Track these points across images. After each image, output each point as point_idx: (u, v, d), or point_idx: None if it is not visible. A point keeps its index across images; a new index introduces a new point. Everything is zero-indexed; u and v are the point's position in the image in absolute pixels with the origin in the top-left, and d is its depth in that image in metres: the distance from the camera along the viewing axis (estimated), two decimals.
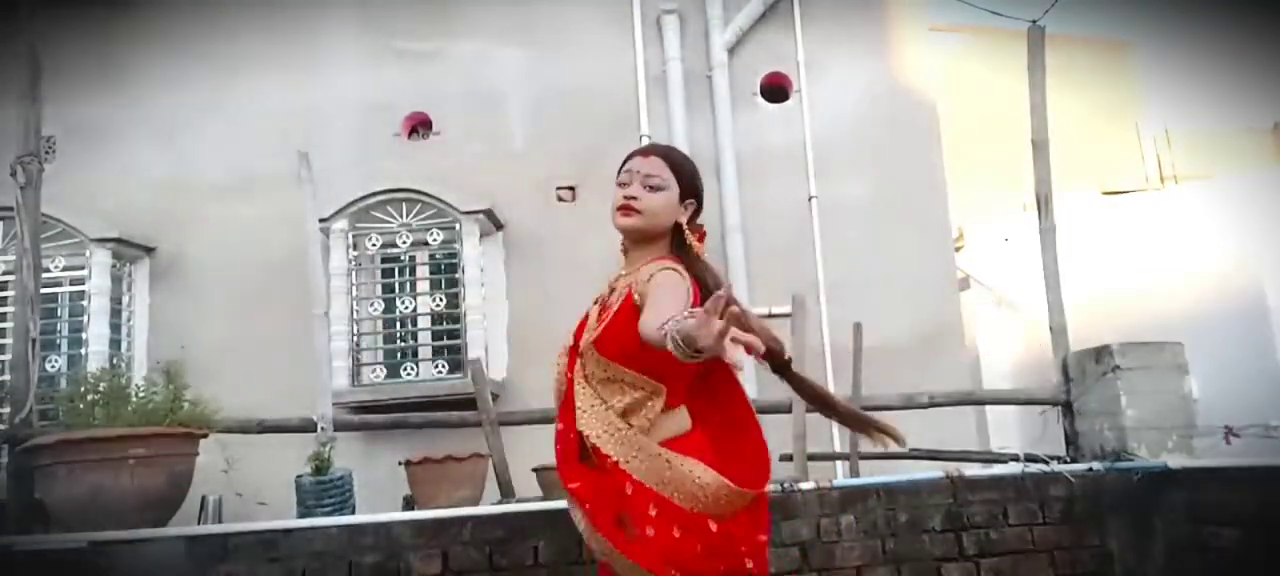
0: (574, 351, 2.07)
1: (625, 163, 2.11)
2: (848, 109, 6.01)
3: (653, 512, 1.88)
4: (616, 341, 1.95)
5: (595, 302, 2.13)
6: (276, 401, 4.30)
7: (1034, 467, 3.58)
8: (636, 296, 1.93)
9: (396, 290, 5.67)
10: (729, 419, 2.06)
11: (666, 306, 1.77)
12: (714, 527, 1.88)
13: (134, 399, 3.31)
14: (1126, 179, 10.88)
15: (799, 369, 2.09)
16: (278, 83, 6.01)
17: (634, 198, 2.03)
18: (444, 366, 5.36)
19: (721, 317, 1.45)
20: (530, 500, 3.67)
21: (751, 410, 2.10)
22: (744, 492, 1.91)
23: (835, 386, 5.48)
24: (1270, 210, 7.57)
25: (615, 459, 1.92)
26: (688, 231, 2.08)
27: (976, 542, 3.40)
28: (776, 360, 1.99)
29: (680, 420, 2.00)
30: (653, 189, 2.04)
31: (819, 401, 2.11)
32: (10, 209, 3.72)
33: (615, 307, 1.99)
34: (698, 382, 2.04)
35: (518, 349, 5.62)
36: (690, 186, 2.10)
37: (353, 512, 3.53)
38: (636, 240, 2.10)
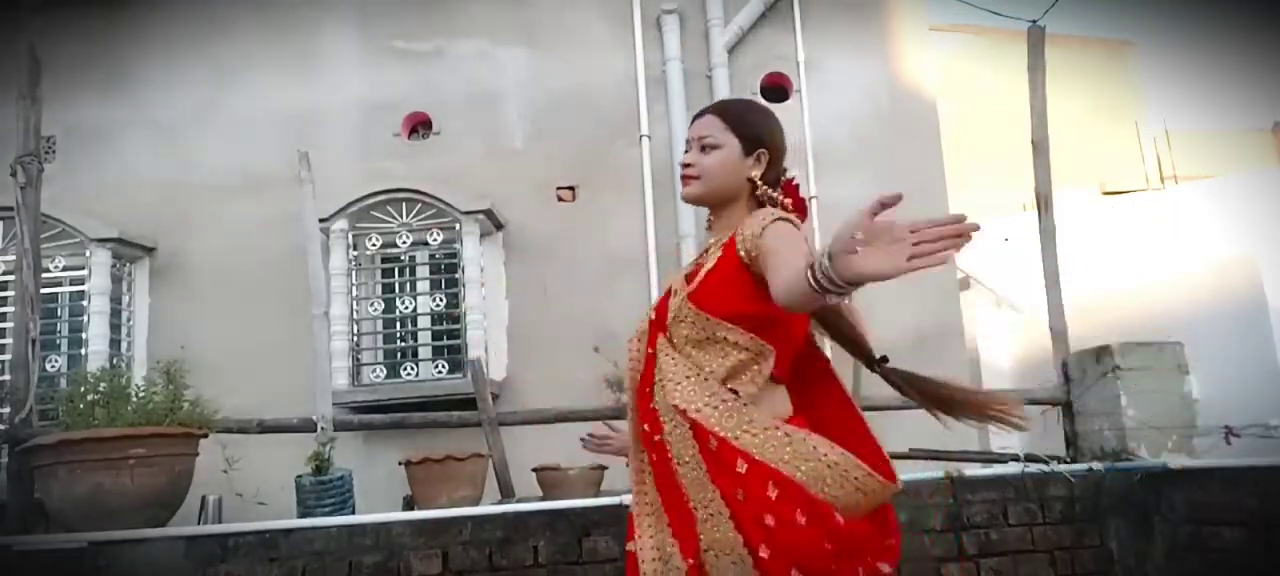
0: (657, 325, 1.78)
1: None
2: (848, 109, 6.01)
3: (773, 493, 1.56)
4: (718, 293, 1.69)
5: (679, 277, 1.85)
6: (276, 401, 4.30)
7: (1034, 467, 3.58)
8: (743, 251, 1.66)
9: (396, 290, 5.67)
10: (831, 415, 1.77)
11: (795, 258, 1.51)
12: (841, 521, 1.57)
13: (134, 399, 3.31)
14: (1126, 179, 10.89)
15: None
16: (278, 83, 6.01)
17: (689, 164, 1.82)
18: (444, 366, 5.36)
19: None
20: (530, 500, 3.67)
21: (857, 409, 1.81)
22: (876, 478, 1.62)
23: None
24: (1270, 210, 7.56)
25: (723, 433, 1.61)
26: (763, 187, 1.82)
27: (976, 542, 3.41)
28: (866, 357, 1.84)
29: (783, 399, 1.76)
30: (708, 148, 1.82)
31: (936, 400, 1.84)
32: (10, 209, 3.72)
33: (711, 264, 1.74)
34: (796, 373, 1.81)
35: (518, 349, 5.62)
36: (754, 136, 1.83)
37: (353, 512, 3.53)
38: (713, 210, 1.87)
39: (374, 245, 5.48)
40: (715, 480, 1.61)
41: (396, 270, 5.76)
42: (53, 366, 5.20)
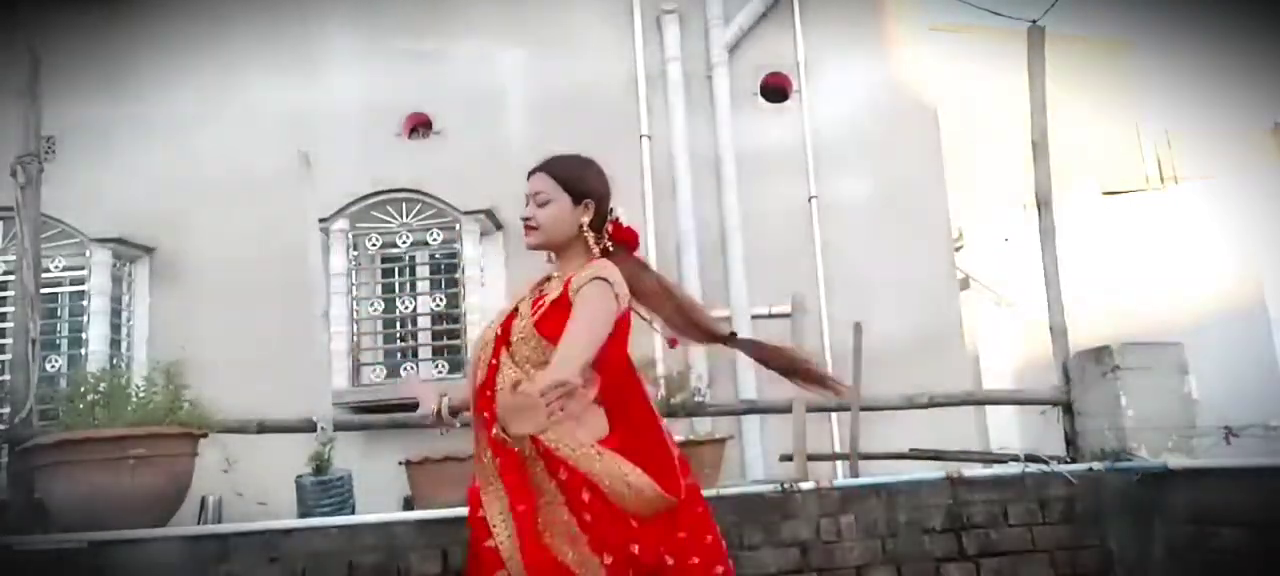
0: (502, 340, 2.12)
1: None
2: (848, 109, 6.01)
3: (586, 497, 1.96)
4: (554, 324, 2.04)
5: (526, 298, 2.21)
6: (276, 401, 4.30)
7: (1034, 467, 3.58)
8: (573, 292, 2.05)
9: (396, 290, 5.67)
10: (638, 429, 2.12)
11: (578, 332, 1.96)
12: (635, 525, 1.97)
13: (134, 399, 3.30)
14: (1126, 179, 10.88)
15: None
16: (278, 83, 6.01)
17: (529, 218, 2.18)
18: (444, 366, 5.36)
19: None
20: None
21: (660, 424, 2.17)
22: (667, 497, 2.00)
23: None
24: (1270, 210, 7.57)
25: (549, 444, 1.98)
26: (591, 233, 2.19)
27: (976, 542, 3.40)
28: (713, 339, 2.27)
29: (601, 421, 2.09)
30: (542, 205, 2.17)
31: (777, 363, 2.27)
32: (10, 209, 3.72)
33: (553, 296, 2.09)
34: (617, 398, 2.14)
35: None
36: (580, 188, 2.19)
37: (353, 512, 3.53)
38: (557, 252, 2.22)
39: (374, 245, 5.48)
40: (551, 474, 2.00)
41: (396, 270, 5.76)
42: (53, 366, 5.20)
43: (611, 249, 2.21)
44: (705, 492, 3.32)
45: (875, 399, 4.25)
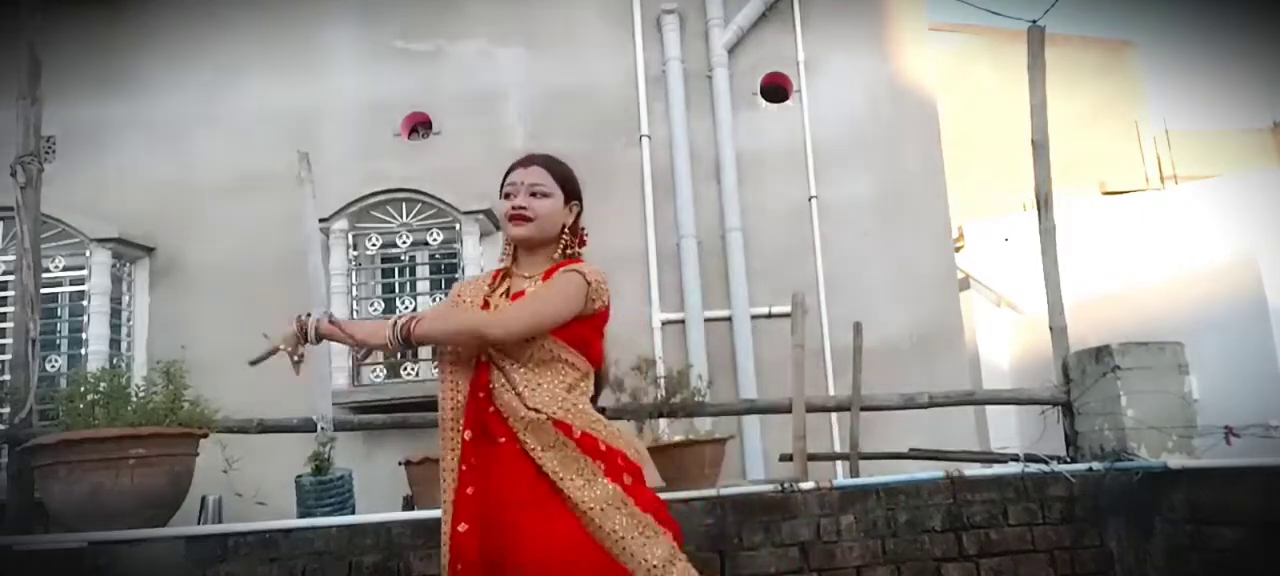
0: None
1: (508, 176, 2.21)
2: (848, 109, 6.01)
3: (621, 462, 2.03)
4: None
5: (488, 294, 2.22)
6: (276, 401, 4.29)
7: (1034, 467, 3.58)
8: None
9: (396, 290, 5.67)
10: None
11: (544, 302, 2.07)
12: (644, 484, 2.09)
13: (134, 399, 3.30)
14: (1126, 179, 10.90)
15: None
16: (278, 83, 6.01)
17: (525, 207, 2.15)
18: None
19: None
20: None
21: None
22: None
23: (835, 387, 5.49)
24: (1270, 210, 7.57)
25: (580, 428, 2.02)
26: (570, 236, 2.26)
27: (976, 542, 3.40)
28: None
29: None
30: (539, 196, 2.18)
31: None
32: (10, 209, 3.72)
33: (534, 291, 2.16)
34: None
35: None
36: (572, 189, 2.27)
37: (353, 512, 3.53)
38: (529, 247, 2.22)
39: (374, 245, 5.48)
40: (589, 457, 2.01)
41: (396, 270, 5.76)
42: (53, 366, 5.20)
43: (574, 255, 2.26)
44: (705, 492, 3.34)
45: (875, 399, 4.25)
